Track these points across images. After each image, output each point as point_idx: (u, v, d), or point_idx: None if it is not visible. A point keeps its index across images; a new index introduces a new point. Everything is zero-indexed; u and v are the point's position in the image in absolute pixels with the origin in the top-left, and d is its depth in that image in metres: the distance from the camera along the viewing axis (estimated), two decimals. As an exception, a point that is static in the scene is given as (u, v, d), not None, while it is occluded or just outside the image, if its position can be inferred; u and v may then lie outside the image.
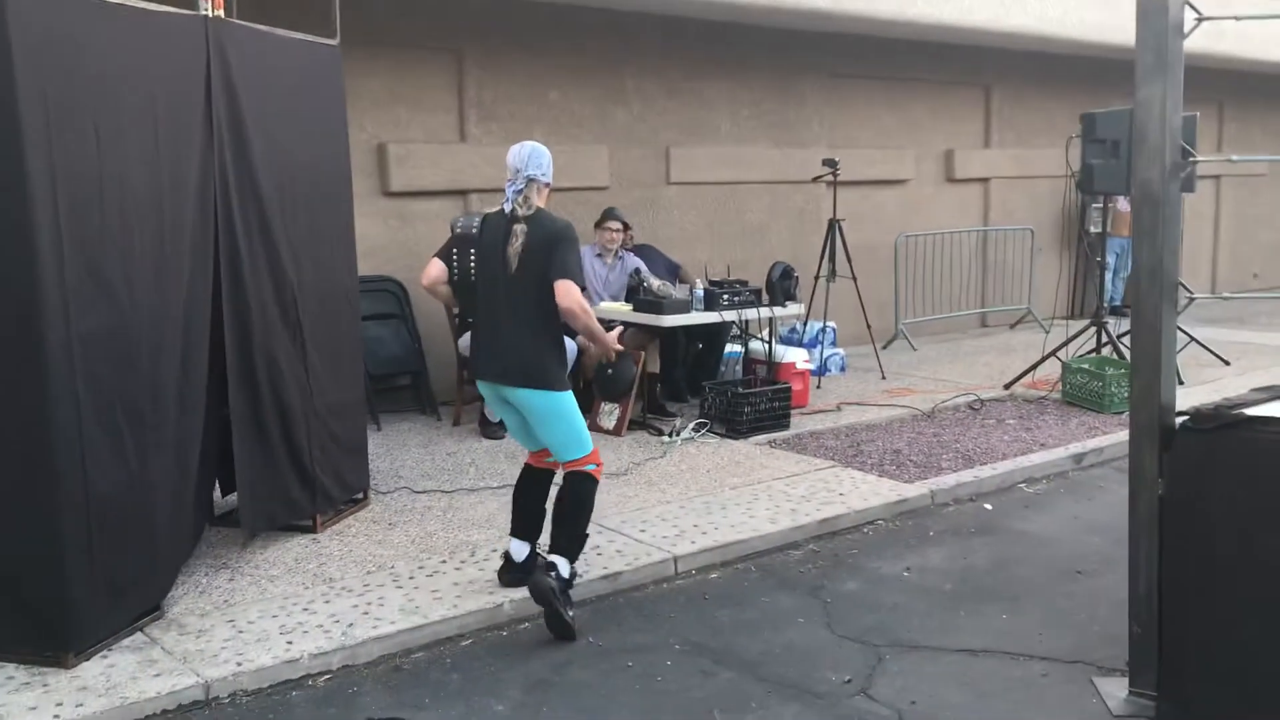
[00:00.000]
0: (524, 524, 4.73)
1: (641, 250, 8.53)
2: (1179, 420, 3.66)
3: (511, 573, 4.70)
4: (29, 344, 3.78)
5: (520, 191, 4.47)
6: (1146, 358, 3.70)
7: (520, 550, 4.72)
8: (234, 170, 4.73)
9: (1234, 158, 4.66)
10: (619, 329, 5.08)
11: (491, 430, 7.24)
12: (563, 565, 4.46)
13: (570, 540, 4.52)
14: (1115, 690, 3.86)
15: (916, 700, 3.87)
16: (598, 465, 4.58)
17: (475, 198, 8.49)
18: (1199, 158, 3.67)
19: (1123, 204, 11.92)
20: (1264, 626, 3.43)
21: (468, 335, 7.43)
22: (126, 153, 4.14)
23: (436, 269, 6.51)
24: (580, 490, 4.54)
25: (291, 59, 5.19)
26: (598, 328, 4.62)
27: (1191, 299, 3.84)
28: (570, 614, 4.38)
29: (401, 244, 8.22)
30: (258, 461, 4.97)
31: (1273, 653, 3.40)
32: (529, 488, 4.75)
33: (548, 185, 4.55)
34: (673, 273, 8.49)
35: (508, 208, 4.49)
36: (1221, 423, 3.56)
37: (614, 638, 4.44)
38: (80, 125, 3.92)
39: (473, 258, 5.71)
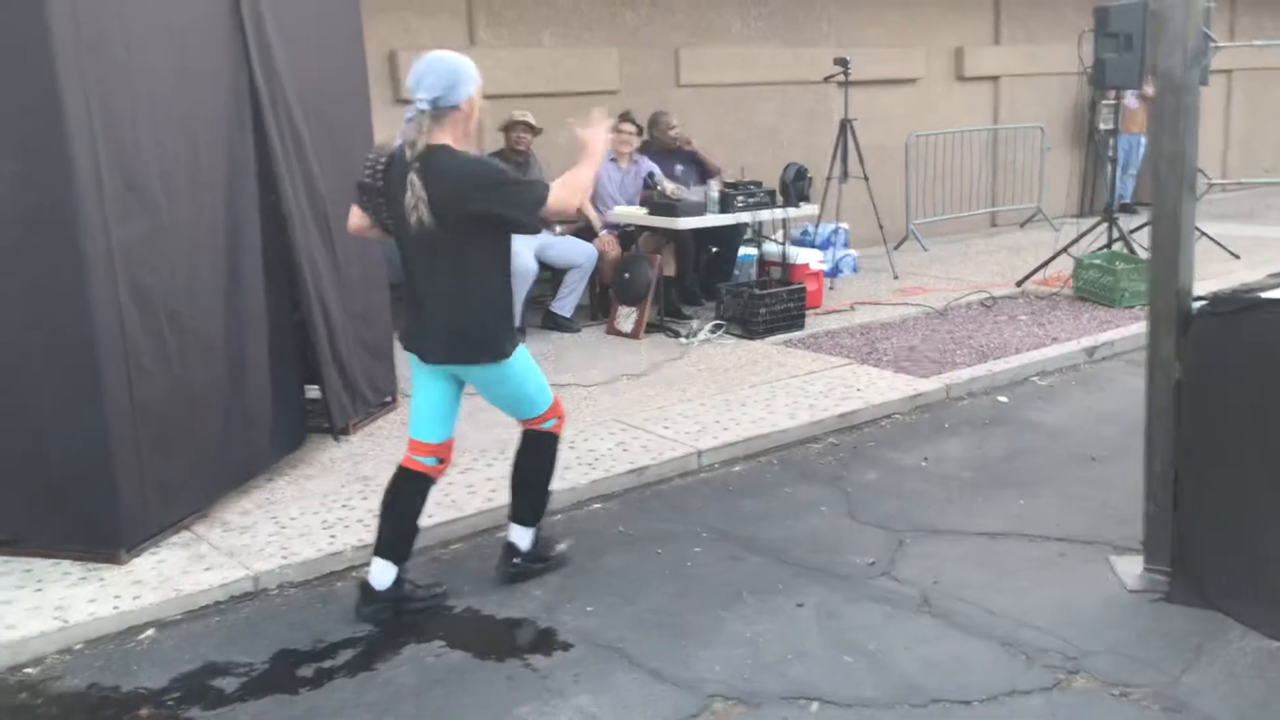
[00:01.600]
0: (394, 541, 3.83)
1: (684, 154, 8.47)
2: (1196, 305, 3.75)
3: (371, 604, 3.81)
4: (71, 254, 3.85)
5: (412, 121, 3.45)
6: (1166, 243, 3.77)
7: (385, 575, 3.80)
8: (264, 80, 4.76)
9: (1258, 43, 4.64)
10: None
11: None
12: (524, 538, 4.06)
13: (533, 507, 4.05)
14: (1130, 568, 4.00)
15: (939, 580, 4.02)
16: (559, 419, 3.98)
17: (486, 103, 8.45)
18: (1220, 43, 3.69)
19: (1131, 100, 11.85)
20: (1275, 503, 3.55)
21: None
22: (154, 63, 4.16)
23: (356, 217, 3.94)
24: (543, 450, 3.99)
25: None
26: (584, 176, 3.71)
27: (1210, 184, 3.89)
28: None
29: (414, 152, 8.22)
30: (320, 367, 5.16)
31: (1284, 526, 3.53)
32: (407, 496, 3.84)
33: (461, 110, 3.55)
34: (701, 179, 8.42)
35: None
36: (1239, 306, 3.64)
37: (643, 527, 4.59)
38: (109, 33, 3.94)
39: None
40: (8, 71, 3.75)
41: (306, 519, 4.54)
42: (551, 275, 7.82)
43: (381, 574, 3.81)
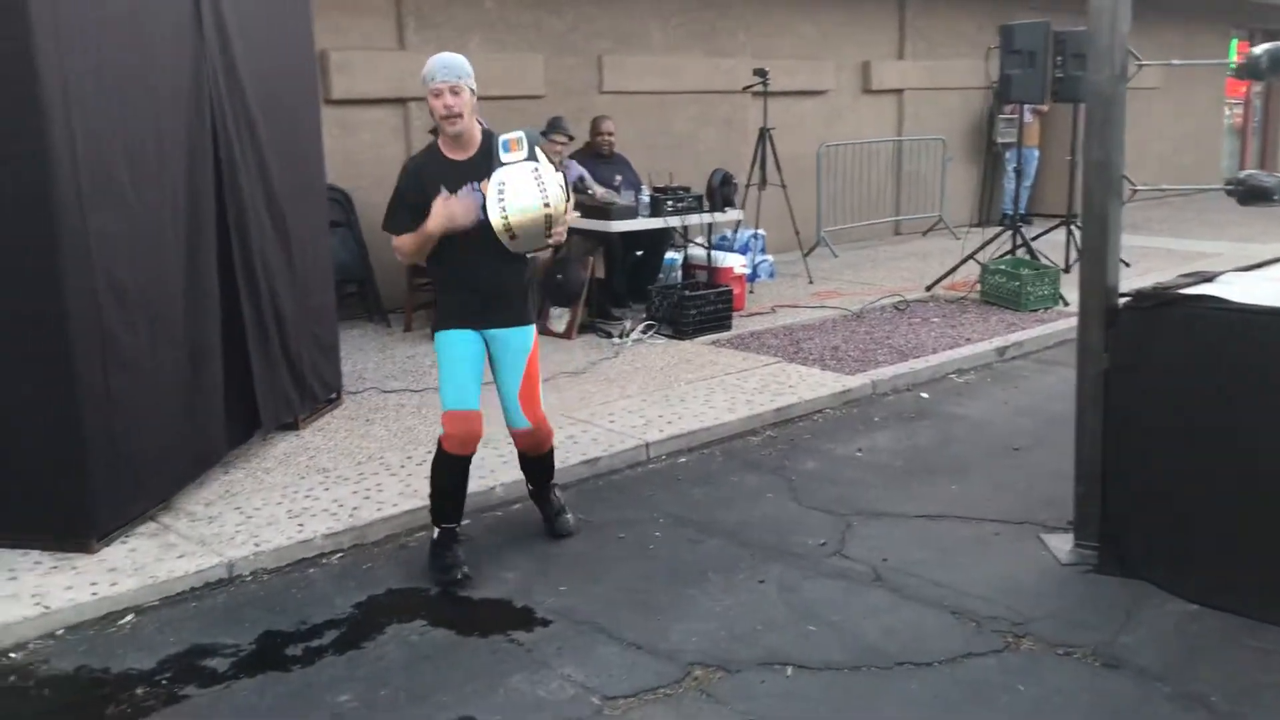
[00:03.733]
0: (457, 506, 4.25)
1: (620, 161, 8.67)
2: (1122, 300, 4.09)
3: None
4: (48, 242, 3.88)
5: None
6: (1095, 243, 4.11)
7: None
8: (222, 74, 4.82)
9: (1175, 62, 5.03)
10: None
11: None
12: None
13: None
14: (1061, 544, 4.33)
15: (888, 558, 4.29)
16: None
17: (415, 106, 8.57)
18: (1143, 61, 4.04)
19: (1027, 115, 12.43)
20: (1195, 482, 3.90)
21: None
22: (122, 54, 4.21)
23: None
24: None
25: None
26: (407, 240, 4.07)
27: (1135, 190, 4.24)
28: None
29: (345, 152, 8.27)
30: (267, 361, 5.15)
31: (1202, 503, 3.88)
32: (461, 473, 4.19)
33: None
34: (635, 186, 8.63)
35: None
36: (1160, 301, 3.99)
37: (603, 514, 4.77)
38: (82, 22, 3.98)
39: None
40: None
41: (270, 509, 4.61)
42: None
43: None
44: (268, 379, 5.21)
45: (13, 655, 3.58)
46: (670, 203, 7.89)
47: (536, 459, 4.46)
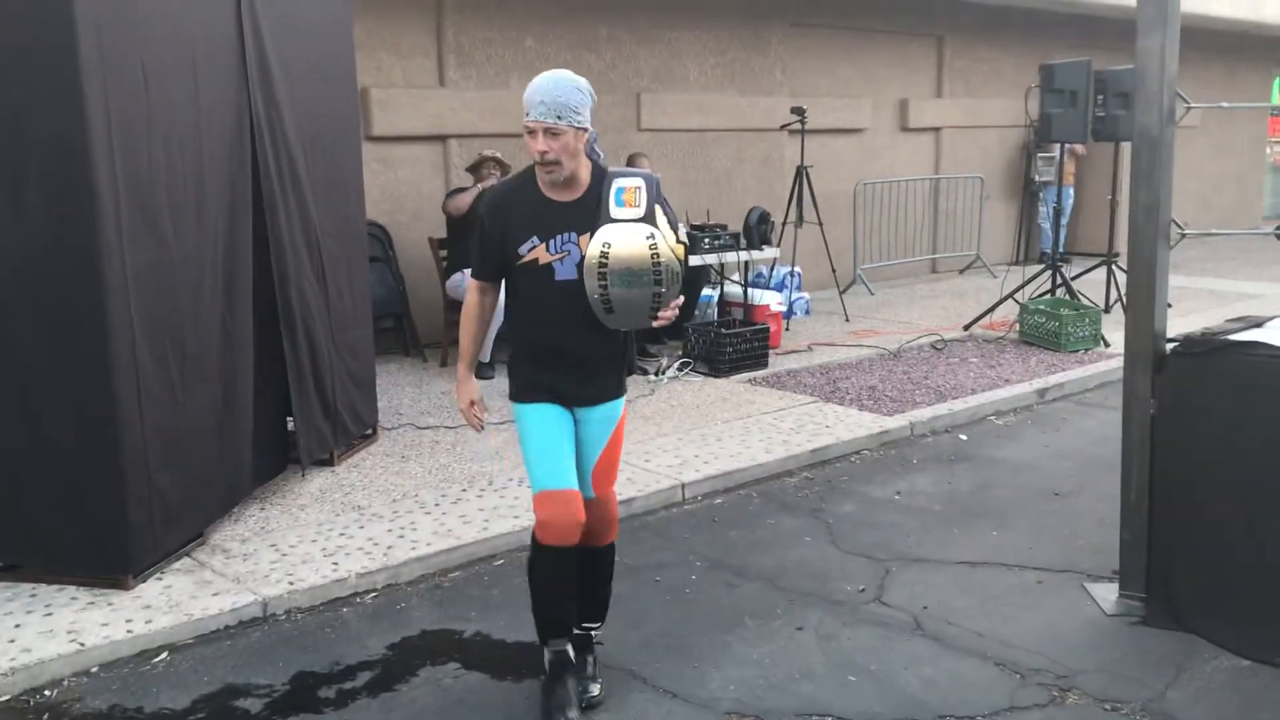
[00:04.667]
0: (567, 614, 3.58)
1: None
2: (1169, 346, 4.02)
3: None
4: (90, 279, 3.91)
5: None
6: (1142, 288, 4.05)
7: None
8: (264, 113, 4.86)
9: (1225, 104, 4.98)
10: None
11: (483, 370, 7.42)
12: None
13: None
14: (1106, 594, 4.24)
15: (928, 605, 4.21)
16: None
17: (455, 143, 8.63)
18: (1192, 104, 3.99)
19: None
20: (1246, 530, 3.81)
21: (456, 277, 7.62)
22: (170, 94, 4.26)
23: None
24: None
25: (307, 1, 5.30)
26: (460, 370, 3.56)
27: (1184, 234, 4.18)
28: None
29: (384, 188, 8.33)
30: (304, 397, 5.17)
31: (1254, 554, 3.79)
32: (567, 572, 3.47)
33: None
34: (672, 223, 8.62)
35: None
36: (1209, 348, 3.92)
37: (638, 556, 4.73)
38: (130, 64, 4.03)
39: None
40: (36, 101, 3.82)
41: (305, 546, 4.60)
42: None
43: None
44: (304, 414, 5.22)
45: (47, 693, 3.57)
46: (707, 240, 7.87)
47: (595, 555, 3.58)
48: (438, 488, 5.32)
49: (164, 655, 3.81)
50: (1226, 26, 14.10)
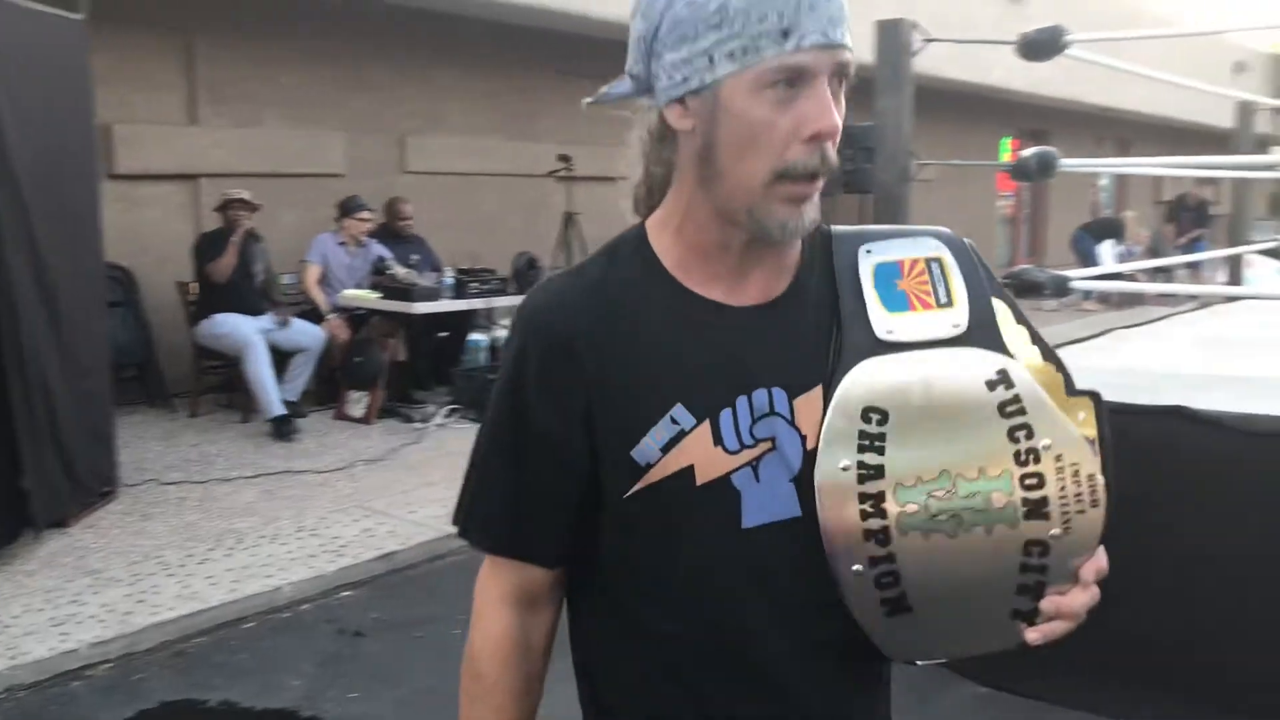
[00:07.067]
0: None
1: (417, 241, 8.53)
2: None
3: None
4: None
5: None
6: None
7: None
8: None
9: (956, 162, 5.35)
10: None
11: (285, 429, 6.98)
12: None
13: None
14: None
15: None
16: None
17: (206, 182, 8.24)
18: (925, 160, 4.25)
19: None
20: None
21: (206, 323, 7.25)
22: None
23: None
24: None
25: (38, 33, 4.96)
26: None
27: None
28: None
29: (127, 228, 7.83)
30: (39, 453, 4.75)
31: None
32: None
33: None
34: (434, 266, 8.48)
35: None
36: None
37: (399, 611, 4.57)
38: None
39: None
40: None
41: (31, 616, 4.22)
42: (275, 359, 7.61)
43: None
44: (38, 472, 4.80)
45: None
46: (474, 285, 7.80)
47: None
48: (183, 547, 5.00)
49: None
50: (958, 88, 15.18)
